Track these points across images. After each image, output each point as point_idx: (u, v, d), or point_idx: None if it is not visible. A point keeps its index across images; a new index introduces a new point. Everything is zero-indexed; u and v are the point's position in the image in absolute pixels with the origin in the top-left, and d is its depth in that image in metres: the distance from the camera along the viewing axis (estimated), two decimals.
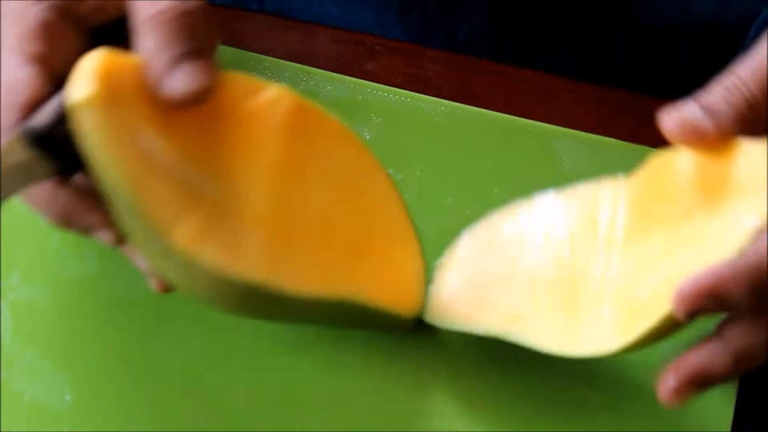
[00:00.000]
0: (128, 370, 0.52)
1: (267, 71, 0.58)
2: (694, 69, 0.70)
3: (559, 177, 0.56)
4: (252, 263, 0.43)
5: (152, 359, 0.52)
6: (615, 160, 0.56)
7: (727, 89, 0.45)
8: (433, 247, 0.52)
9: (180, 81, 0.42)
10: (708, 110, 0.45)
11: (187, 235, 0.42)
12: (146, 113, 0.42)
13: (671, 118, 0.46)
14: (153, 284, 0.47)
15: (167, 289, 0.47)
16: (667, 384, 0.45)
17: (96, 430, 0.51)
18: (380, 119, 0.57)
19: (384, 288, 0.48)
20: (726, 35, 0.67)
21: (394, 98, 0.58)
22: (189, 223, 0.42)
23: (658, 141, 0.57)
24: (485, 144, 0.57)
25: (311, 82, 0.58)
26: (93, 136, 0.41)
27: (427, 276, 0.51)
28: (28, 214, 0.48)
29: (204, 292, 0.45)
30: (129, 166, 0.41)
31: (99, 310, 0.53)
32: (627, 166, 0.56)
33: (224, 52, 0.58)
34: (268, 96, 0.46)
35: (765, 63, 0.45)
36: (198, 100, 0.42)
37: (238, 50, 0.58)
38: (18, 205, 0.47)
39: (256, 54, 0.58)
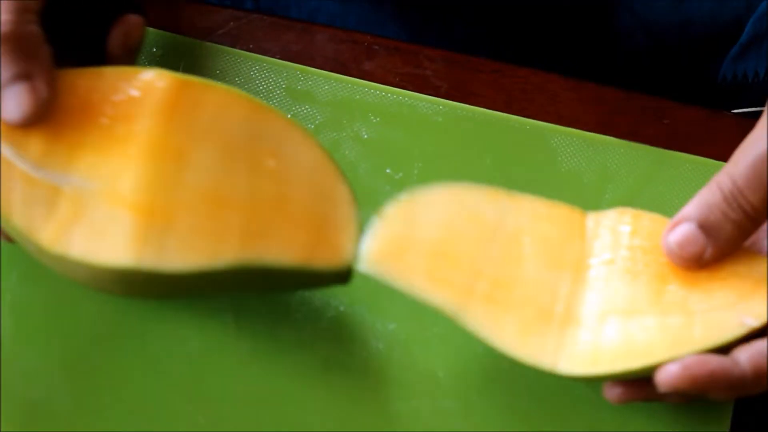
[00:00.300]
0: (128, 371, 0.52)
1: (264, 71, 0.58)
2: (693, 68, 0.70)
3: (558, 176, 0.56)
4: (122, 248, 0.45)
5: (152, 359, 0.52)
6: (614, 159, 0.56)
7: (727, 203, 0.45)
8: None
9: (6, 108, 0.45)
10: (710, 233, 0.46)
11: (53, 234, 0.45)
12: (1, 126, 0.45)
13: (672, 241, 0.46)
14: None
15: (9, 239, 0.49)
16: (613, 390, 0.47)
17: (96, 430, 0.51)
18: (378, 119, 0.57)
19: (299, 245, 0.47)
20: (724, 32, 0.67)
21: (391, 97, 0.58)
22: (53, 222, 0.45)
23: (657, 140, 0.57)
24: (484, 143, 0.57)
25: (309, 82, 0.58)
26: None
27: (362, 228, 0.49)
28: None
29: (89, 282, 0.47)
30: None
31: (98, 311, 0.53)
32: (626, 165, 0.56)
33: (222, 52, 0.58)
34: (143, 80, 0.47)
35: (764, 169, 0.44)
36: (29, 122, 0.45)
37: (236, 50, 0.58)
38: None
39: (253, 54, 0.58)
